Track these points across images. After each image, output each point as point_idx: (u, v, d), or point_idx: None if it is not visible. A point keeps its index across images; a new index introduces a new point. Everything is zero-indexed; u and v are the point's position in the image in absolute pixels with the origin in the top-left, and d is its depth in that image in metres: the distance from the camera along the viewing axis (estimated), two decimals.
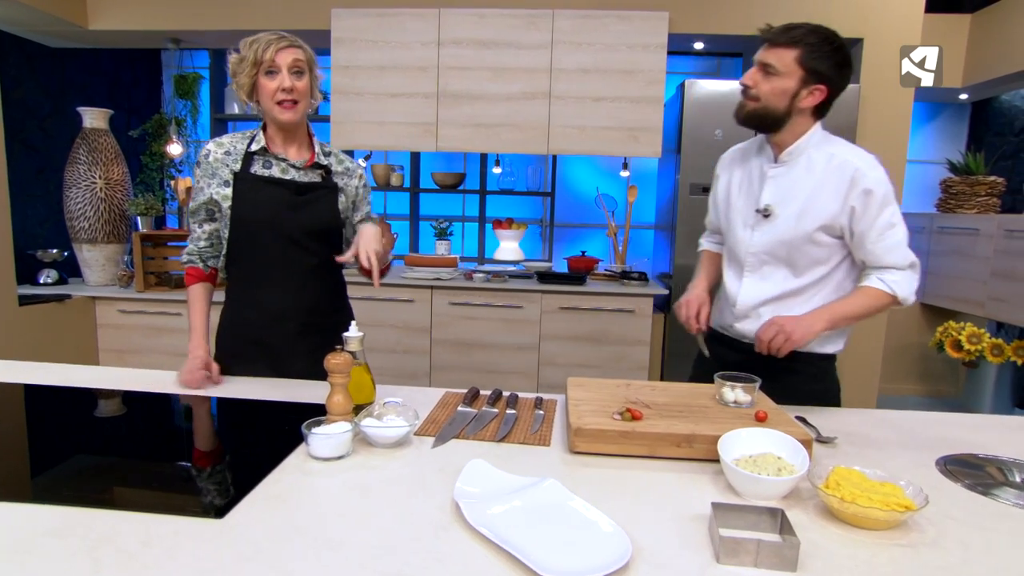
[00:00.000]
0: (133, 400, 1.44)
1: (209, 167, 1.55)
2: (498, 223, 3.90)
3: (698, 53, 3.96)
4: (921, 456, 1.21)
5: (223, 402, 1.41)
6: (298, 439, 1.14)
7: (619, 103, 3.27)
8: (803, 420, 1.32)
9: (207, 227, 1.60)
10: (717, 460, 1.12)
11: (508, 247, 4.00)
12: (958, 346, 3.67)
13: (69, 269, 3.50)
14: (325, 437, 1.07)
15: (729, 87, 3.17)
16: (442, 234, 3.95)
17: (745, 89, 1.46)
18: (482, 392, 1.47)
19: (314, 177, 1.62)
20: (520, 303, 3.30)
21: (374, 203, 4.29)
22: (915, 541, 0.88)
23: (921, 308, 4.29)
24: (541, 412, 1.36)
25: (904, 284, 1.45)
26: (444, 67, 3.30)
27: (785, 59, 1.39)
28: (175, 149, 3.58)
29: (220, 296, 1.67)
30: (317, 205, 1.61)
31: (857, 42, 3.25)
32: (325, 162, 1.64)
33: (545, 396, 1.48)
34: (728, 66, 4.43)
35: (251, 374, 1.59)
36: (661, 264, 3.79)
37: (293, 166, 1.59)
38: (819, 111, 1.46)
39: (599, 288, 3.30)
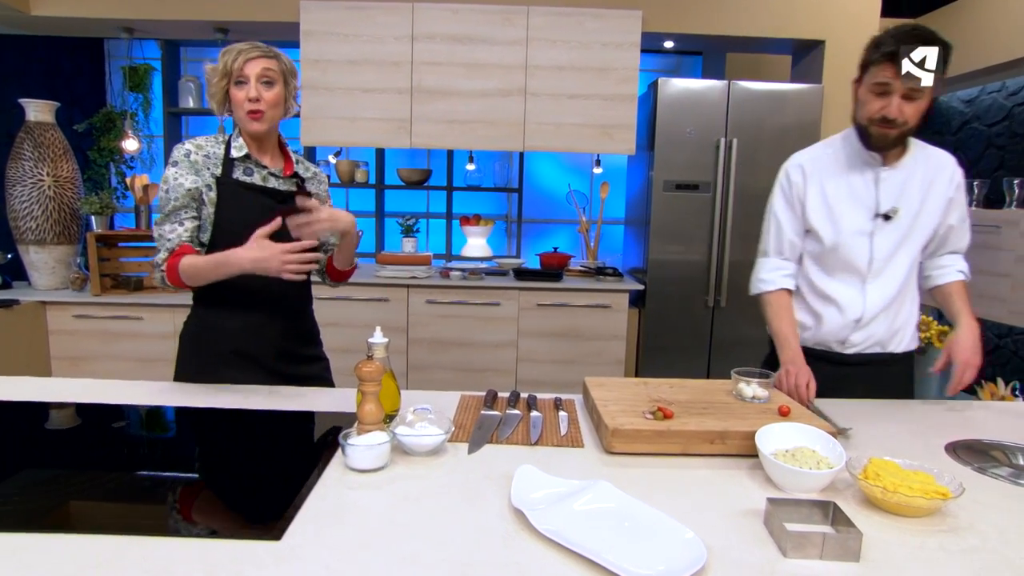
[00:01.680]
0: (119, 414, 1.36)
1: (192, 165, 1.47)
2: (465, 219, 3.88)
3: (659, 51, 4.04)
4: (930, 442, 1.28)
5: (225, 413, 1.35)
6: (322, 450, 1.11)
7: (593, 100, 3.30)
8: (816, 412, 1.37)
9: (190, 224, 1.48)
10: (749, 455, 1.16)
11: (476, 243, 3.98)
12: None
13: (13, 272, 3.27)
14: (366, 448, 1.04)
15: (701, 85, 3.24)
16: (408, 231, 3.90)
17: (889, 120, 1.40)
18: (500, 394, 1.47)
19: (291, 186, 1.59)
20: (497, 300, 3.29)
21: (339, 200, 4.20)
22: (953, 526, 0.93)
23: None
24: (564, 413, 1.36)
25: (967, 268, 1.61)
26: (418, 62, 3.24)
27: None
28: (131, 145, 3.39)
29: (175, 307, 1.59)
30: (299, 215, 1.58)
31: (819, 44, 3.38)
32: (300, 171, 1.63)
33: (563, 396, 1.49)
34: (688, 64, 4.53)
35: (230, 383, 1.52)
36: (632, 259, 3.85)
37: (273, 174, 1.56)
38: None
39: (575, 284, 3.33)
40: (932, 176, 1.52)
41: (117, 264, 3.24)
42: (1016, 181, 3.55)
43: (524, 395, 1.47)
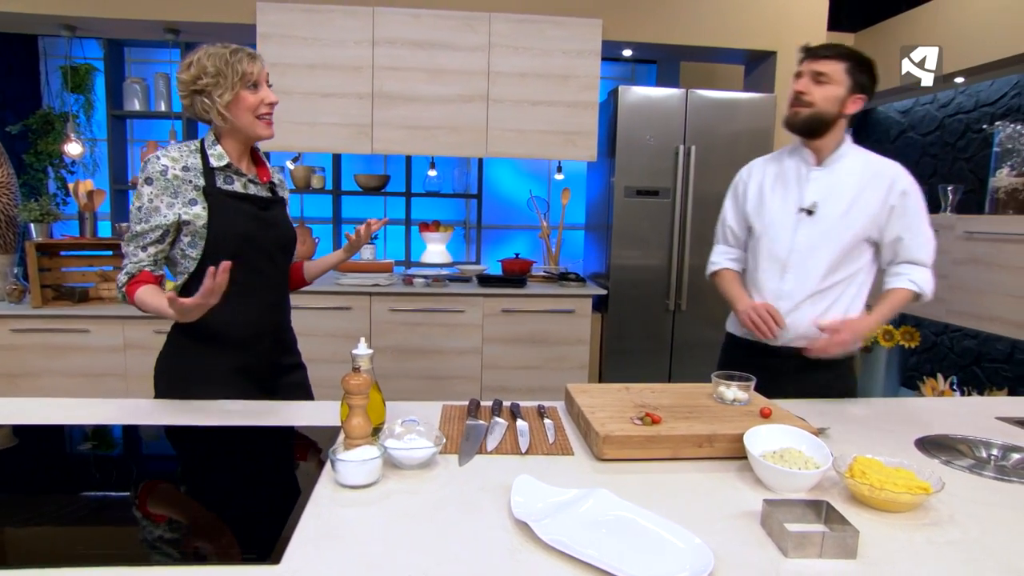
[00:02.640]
0: (93, 434, 1.28)
1: (169, 185, 1.38)
2: (424, 226, 3.84)
3: (615, 59, 4.11)
4: (900, 439, 1.33)
5: (202, 431, 1.29)
6: (308, 466, 1.07)
7: (556, 107, 3.32)
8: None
9: (152, 250, 1.41)
10: (735, 457, 1.18)
11: (435, 250, 3.94)
12: None
13: None
14: (358, 464, 1.01)
15: (660, 93, 3.30)
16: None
17: (798, 96, 1.60)
18: (482, 403, 1.45)
19: (266, 191, 1.55)
20: (462, 307, 3.27)
21: (295, 207, 4.09)
22: (936, 520, 0.97)
23: None
24: (549, 421, 1.36)
25: (928, 281, 1.63)
26: (379, 67, 3.20)
27: (836, 69, 1.57)
28: (74, 148, 3.22)
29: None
30: (281, 220, 1.57)
31: (771, 55, 3.50)
32: (274, 177, 1.60)
33: (546, 403, 1.48)
34: (642, 72, 4.63)
35: (219, 398, 1.46)
36: (592, 264, 3.90)
37: (252, 181, 1.51)
38: (851, 120, 1.64)
39: (539, 290, 3.34)
40: (868, 182, 1.60)
41: (59, 274, 3.07)
42: (950, 187, 3.76)
43: (507, 403, 1.46)
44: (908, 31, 3.98)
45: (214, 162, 1.43)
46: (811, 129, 1.61)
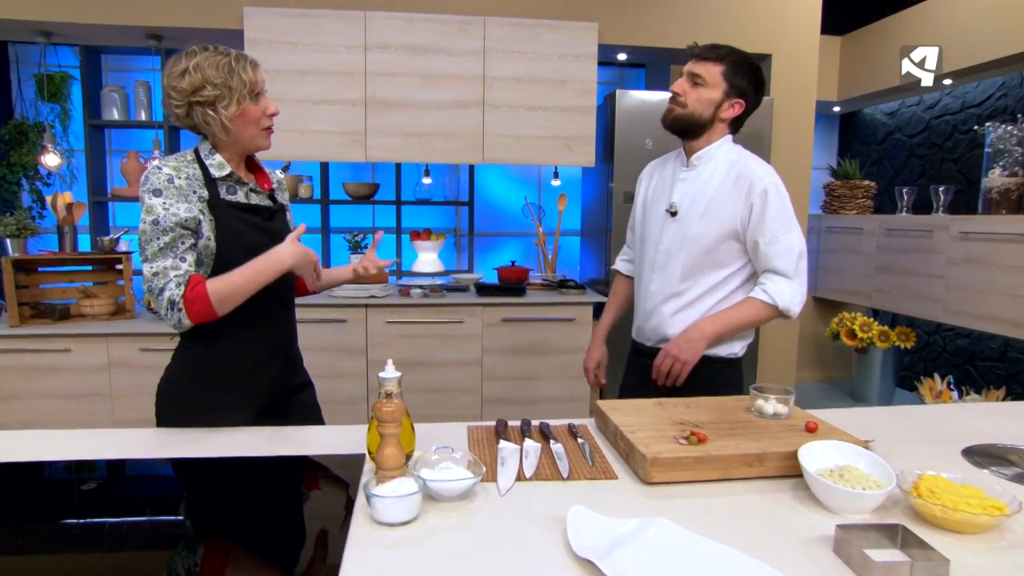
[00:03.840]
0: (89, 468, 1.18)
1: (179, 192, 1.28)
2: (416, 234, 3.76)
3: (604, 63, 4.07)
4: (945, 449, 1.29)
5: (218, 464, 1.19)
6: (334, 501, 0.99)
7: (552, 112, 3.27)
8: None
9: (191, 257, 1.29)
10: (785, 476, 1.13)
11: (427, 258, 3.86)
12: (852, 335, 4.07)
13: None
14: (397, 500, 0.93)
15: (657, 97, 3.27)
16: (356, 247, 3.74)
17: (674, 96, 1.59)
18: (510, 423, 1.38)
19: (268, 199, 1.46)
20: (461, 317, 3.20)
21: None
22: (1015, 542, 0.92)
23: (814, 301, 4.70)
24: (583, 441, 1.29)
25: (787, 294, 1.52)
26: (372, 73, 3.11)
27: (712, 72, 1.55)
28: (51, 160, 3.07)
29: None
30: (285, 230, 1.47)
31: (766, 57, 3.49)
32: (275, 183, 1.51)
33: (575, 421, 1.42)
34: (631, 76, 4.60)
35: (229, 424, 1.37)
36: (590, 270, 3.85)
37: (253, 190, 1.42)
38: (735, 124, 1.62)
39: (539, 299, 3.27)
40: (731, 182, 1.56)
41: (37, 291, 2.93)
42: (941, 188, 3.79)
43: (535, 423, 1.39)
44: (893, 36, 4.00)
45: (215, 172, 1.33)
46: (683, 129, 1.60)
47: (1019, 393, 3.59)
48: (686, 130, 1.59)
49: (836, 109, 4.82)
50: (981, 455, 1.26)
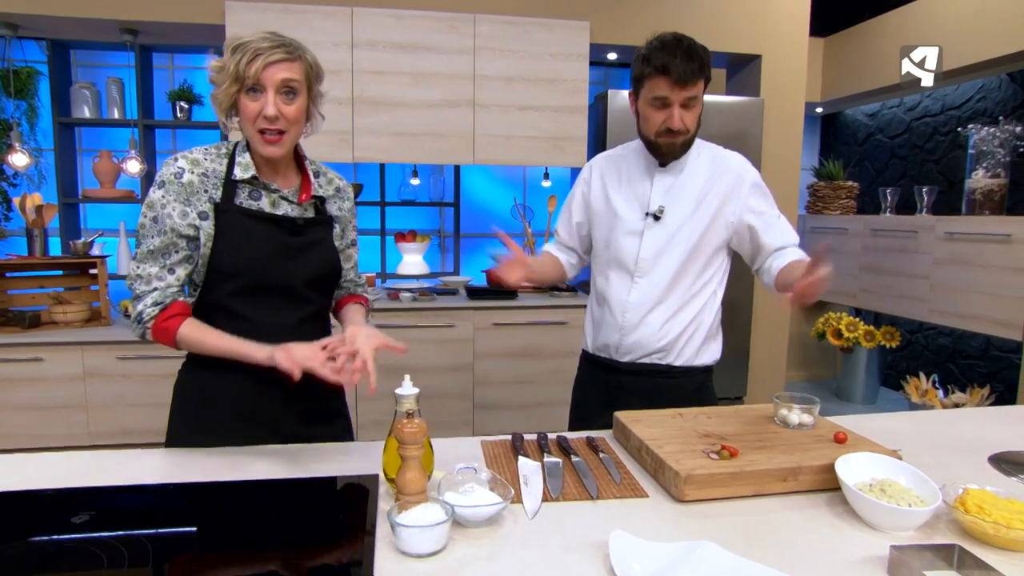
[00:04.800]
0: (84, 500, 1.09)
1: (183, 191, 1.18)
2: (401, 236, 3.67)
3: (591, 63, 4.03)
4: (971, 457, 1.27)
5: (223, 489, 1.11)
6: (353, 528, 0.92)
7: (544, 112, 3.22)
8: None
9: (182, 272, 1.21)
10: (820, 490, 1.09)
11: (412, 260, 3.78)
12: (838, 334, 4.10)
13: None
14: (426, 530, 0.87)
15: None
16: None
17: (673, 131, 1.43)
18: (526, 437, 1.32)
19: (308, 211, 1.31)
20: (452, 321, 3.13)
21: None
22: None
23: None
24: (605, 455, 1.24)
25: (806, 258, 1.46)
26: (359, 71, 3.02)
27: (700, 88, 1.43)
28: (19, 160, 2.92)
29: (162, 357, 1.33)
30: (318, 247, 1.30)
31: (755, 58, 3.49)
32: (321, 192, 1.33)
33: (593, 434, 1.36)
34: (615, 76, 4.58)
35: (228, 446, 1.28)
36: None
37: (285, 198, 1.27)
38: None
39: (531, 302, 3.22)
40: (715, 178, 1.51)
41: (6, 298, 2.78)
42: (925, 189, 3.84)
43: (552, 436, 1.33)
44: (875, 38, 4.04)
45: (239, 172, 1.21)
46: (685, 150, 1.51)
47: (1002, 391, 3.64)
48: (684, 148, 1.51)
49: (819, 110, 4.86)
50: (1008, 463, 1.24)
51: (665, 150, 1.48)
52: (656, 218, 1.51)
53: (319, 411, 1.37)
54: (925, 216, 3.71)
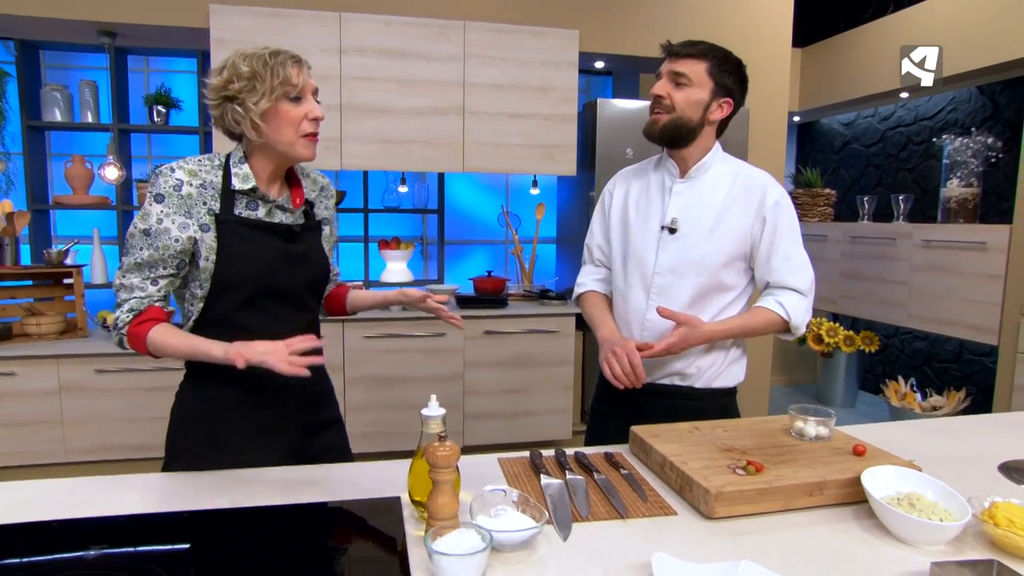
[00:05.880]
0: (90, 534, 1.03)
1: (183, 203, 1.17)
2: (384, 243, 3.63)
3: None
4: (980, 465, 1.29)
5: (230, 517, 1.07)
6: (381, 558, 0.89)
7: (533, 120, 3.21)
8: None
9: (164, 283, 1.20)
10: (844, 504, 1.09)
11: (396, 268, 3.74)
12: (819, 339, 4.17)
13: None
14: (465, 559, 0.84)
15: (637, 106, 3.27)
16: None
17: (657, 100, 1.42)
18: (544, 454, 1.30)
19: (299, 217, 1.32)
20: (442, 331, 3.09)
21: None
22: None
23: None
24: (627, 472, 1.23)
25: (801, 311, 1.45)
26: (347, 77, 2.97)
27: (696, 70, 1.39)
28: None
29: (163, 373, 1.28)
30: (313, 253, 1.33)
31: None
32: (311, 196, 1.37)
33: (611, 450, 1.35)
34: (597, 84, 4.60)
35: (235, 467, 1.24)
36: (567, 280, 3.80)
37: (280, 207, 1.28)
38: (721, 127, 1.48)
39: (521, 310, 3.20)
40: (737, 194, 1.45)
41: None
42: (901, 197, 3.94)
43: (570, 452, 1.31)
44: (851, 50, 4.14)
45: (237, 184, 1.21)
46: (673, 138, 1.43)
47: (975, 394, 3.75)
48: (676, 138, 1.42)
49: (796, 119, 4.95)
50: (1018, 471, 1.26)
51: (648, 127, 1.44)
52: (672, 231, 1.46)
53: (317, 420, 1.39)
54: (903, 224, 3.81)
